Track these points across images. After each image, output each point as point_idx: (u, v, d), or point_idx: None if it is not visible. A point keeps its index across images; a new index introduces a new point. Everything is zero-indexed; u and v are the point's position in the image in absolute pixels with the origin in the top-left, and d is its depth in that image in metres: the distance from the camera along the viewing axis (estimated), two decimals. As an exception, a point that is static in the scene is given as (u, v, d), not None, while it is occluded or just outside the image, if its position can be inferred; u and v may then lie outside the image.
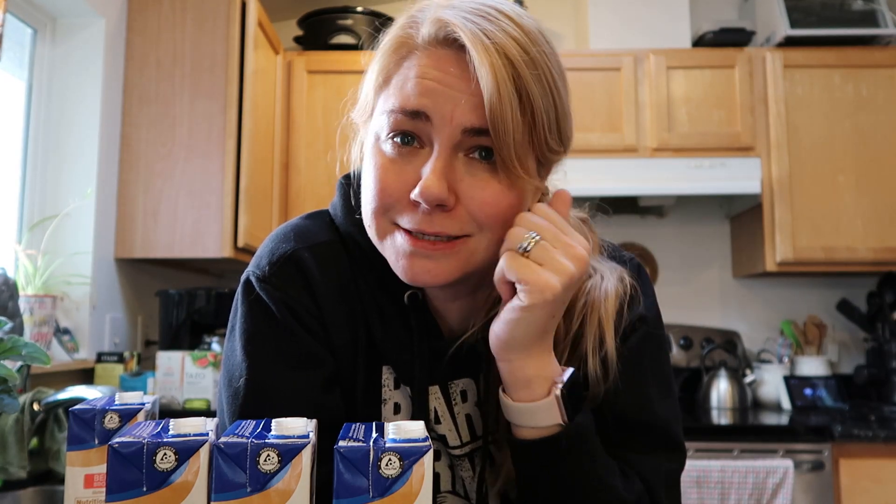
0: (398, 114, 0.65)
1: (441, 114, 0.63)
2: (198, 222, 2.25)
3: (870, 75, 2.65)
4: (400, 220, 0.65)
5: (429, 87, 0.64)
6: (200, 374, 2.18)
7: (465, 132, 0.63)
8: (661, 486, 0.71)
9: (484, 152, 0.64)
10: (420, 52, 0.66)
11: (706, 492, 2.08)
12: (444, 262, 0.65)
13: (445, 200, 0.63)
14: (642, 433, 0.72)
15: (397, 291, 0.72)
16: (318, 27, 2.77)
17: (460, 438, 0.74)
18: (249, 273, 0.73)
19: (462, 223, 0.64)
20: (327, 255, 0.73)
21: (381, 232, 0.67)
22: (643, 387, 0.73)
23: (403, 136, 0.65)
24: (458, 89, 0.63)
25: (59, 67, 2.17)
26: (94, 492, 0.53)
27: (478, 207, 0.64)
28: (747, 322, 2.96)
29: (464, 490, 0.75)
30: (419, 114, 0.64)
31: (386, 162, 0.66)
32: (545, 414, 0.64)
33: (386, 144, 0.66)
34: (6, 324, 1.08)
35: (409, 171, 0.64)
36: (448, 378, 0.74)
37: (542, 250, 0.62)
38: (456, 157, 0.64)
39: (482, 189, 0.64)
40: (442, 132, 0.63)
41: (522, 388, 0.65)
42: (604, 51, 2.73)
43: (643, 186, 2.58)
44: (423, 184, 0.62)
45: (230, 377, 0.70)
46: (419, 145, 0.65)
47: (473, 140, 0.64)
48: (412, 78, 0.65)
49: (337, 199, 0.78)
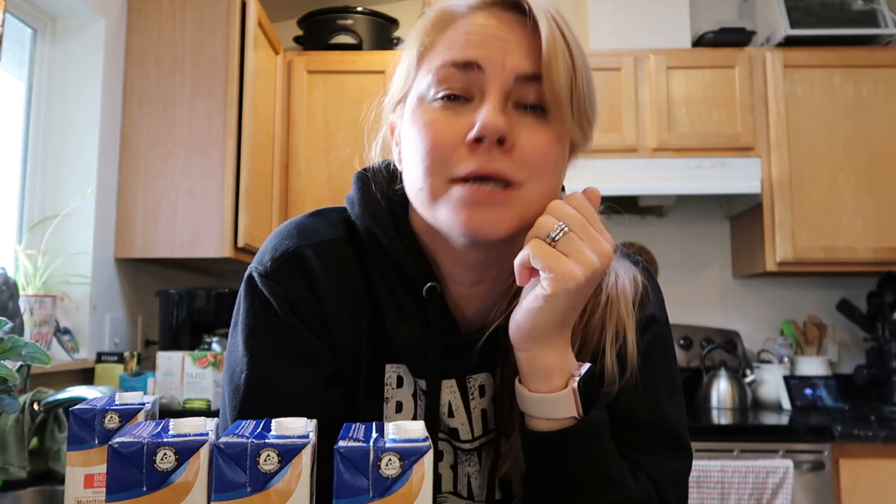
0: (448, 67, 0.65)
1: (493, 62, 0.64)
2: (198, 222, 2.25)
3: (870, 75, 2.65)
4: (456, 171, 0.65)
5: (479, 40, 0.65)
6: (200, 374, 2.18)
7: (518, 79, 0.65)
8: (669, 488, 0.71)
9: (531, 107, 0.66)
10: (464, 17, 0.68)
11: (706, 492, 2.08)
12: (503, 211, 0.65)
13: (506, 133, 0.63)
14: (651, 433, 0.72)
15: (415, 285, 0.72)
16: (318, 27, 2.77)
17: (472, 433, 0.74)
18: (252, 269, 0.73)
19: (517, 167, 0.65)
20: (331, 252, 0.73)
21: (434, 193, 0.66)
22: (653, 388, 0.74)
23: (449, 97, 0.66)
24: (507, 39, 0.65)
25: (59, 67, 2.17)
26: (94, 492, 0.53)
27: (531, 152, 0.65)
28: (747, 322, 2.96)
29: (466, 490, 0.75)
30: (471, 64, 0.65)
31: (434, 117, 0.66)
32: (561, 406, 0.65)
33: (432, 103, 0.67)
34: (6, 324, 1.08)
35: (462, 121, 0.65)
36: (467, 372, 0.74)
37: (570, 241, 0.63)
38: (507, 107, 0.65)
39: (534, 134, 0.65)
40: (495, 79, 0.64)
41: (541, 378, 0.65)
42: (604, 51, 2.73)
43: (643, 186, 2.58)
44: (483, 118, 0.63)
45: (232, 372, 0.70)
46: (467, 99, 0.66)
47: (524, 89, 0.65)
48: (460, 35, 0.66)
49: (354, 193, 0.77)
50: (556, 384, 0.65)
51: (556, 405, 0.65)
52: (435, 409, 0.72)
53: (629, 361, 0.71)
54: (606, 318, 0.72)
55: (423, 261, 0.73)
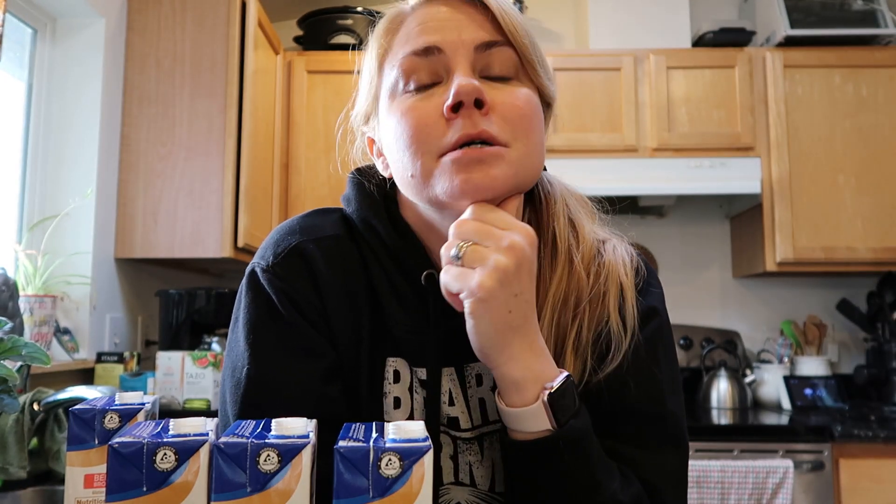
0: (410, 57, 0.68)
1: (451, 40, 0.67)
2: (198, 222, 2.25)
3: (870, 75, 2.65)
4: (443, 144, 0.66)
5: (433, 25, 0.69)
6: (200, 374, 2.18)
7: (478, 48, 0.68)
8: (668, 487, 0.71)
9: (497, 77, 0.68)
10: (413, 13, 0.71)
11: (706, 492, 2.08)
12: (498, 166, 0.66)
13: (482, 93, 0.65)
14: (653, 425, 0.72)
15: (414, 273, 0.73)
16: (318, 27, 2.77)
17: (472, 421, 0.74)
18: (254, 264, 0.74)
19: (500, 127, 0.66)
20: (333, 248, 0.74)
21: (426, 171, 0.67)
22: (656, 380, 0.73)
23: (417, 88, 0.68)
24: (458, 19, 0.68)
25: (59, 67, 2.17)
26: (94, 492, 0.53)
27: (510, 111, 0.67)
28: (747, 322, 2.96)
29: (469, 477, 0.75)
30: (431, 49, 0.67)
31: (409, 106, 0.68)
32: (534, 419, 0.64)
33: (402, 97, 0.69)
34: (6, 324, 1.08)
35: (436, 101, 0.67)
36: (464, 361, 0.74)
37: (473, 253, 0.63)
38: (475, 76, 0.68)
39: (509, 95, 0.68)
40: (456, 54, 0.67)
41: (513, 392, 0.64)
42: (604, 51, 2.73)
43: (643, 186, 2.58)
44: (457, 84, 0.65)
45: (233, 367, 0.71)
46: (434, 84, 0.68)
47: (487, 58, 0.68)
48: (413, 28, 0.70)
49: (349, 191, 0.79)
50: (528, 397, 0.64)
51: (529, 419, 0.64)
52: (436, 397, 0.72)
53: (629, 324, 0.72)
54: (609, 284, 0.73)
55: (421, 249, 0.74)
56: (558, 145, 2.62)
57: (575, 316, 0.72)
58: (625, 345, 0.71)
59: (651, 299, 0.77)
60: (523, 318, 0.64)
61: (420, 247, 0.74)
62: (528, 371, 0.64)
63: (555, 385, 0.64)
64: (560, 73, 2.67)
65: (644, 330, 0.74)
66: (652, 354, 0.74)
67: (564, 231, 0.75)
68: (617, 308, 0.72)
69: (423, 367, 0.73)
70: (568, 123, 2.65)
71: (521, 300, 0.63)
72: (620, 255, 0.75)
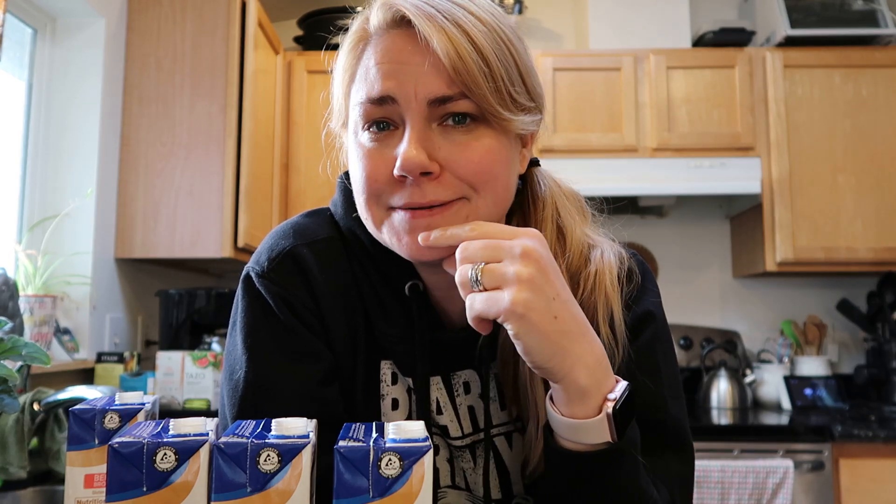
0: (366, 104, 0.66)
1: (404, 93, 0.64)
2: (198, 222, 2.25)
3: (870, 75, 2.65)
4: (392, 201, 0.66)
5: (388, 71, 0.65)
6: (200, 374, 2.18)
7: (431, 103, 0.64)
8: (675, 490, 0.70)
9: (456, 118, 0.65)
10: (374, 39, 0.68)
11: (706, 492, 2.08)
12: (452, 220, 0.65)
13: (427, 166, 0.63)
14: (656, 433, 0.71)
15: (399, 284, 0.73)
16: (318, 27, 2.77)
17: (462, 430, 0.74)
18: (249, 269, 0.74)
19: (453, 188, 0.65)
20: (326, 251, 0.74)
21: (377, 220, 0.68)
22: (657, 386, 0.73)
23: (377, 124, 0.66)
24: (415, 64, 0.65)
25: (59, 67, 2.17)
26: (94, 492, 0.53)
27: (464, 169, 0.65)
28: (747, 322, 2.96)
29: (465, 482, 0.75)
30: (385, 98, 0.65)
31: (367, 151, 0.67)
32: (596, 432, 0.60)
33: (363, 136, 0.67)
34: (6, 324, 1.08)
35: (389, 154, 0.65)
36: (450, 369, 0.74)
37: (491, 274, 0.59)
38: (430, 128, 0.65)
39: (463, 151, 0.65)
40: (409, 109, 0.64)
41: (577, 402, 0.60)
42: (604, 51, 2.73)
43: (643, 186, 2.58)
44: (401, 156, 0.63)
45: (231, 371, 0.71)
46: (394, 127, 0.66)
47: (441, 109, 0.65)
48: (372, 66, 0.67)
49: (337, 196, 0.79)
50: (591, 408, 0.60)
51: (590, 430, 0.60)
52: (426, 407, 0.72)
53: (619, 335, 0.71)
54: (597, 292, 0.72)
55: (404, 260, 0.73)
56: (558, 145, 2.62)
57: None
58: (617, 357, 0.71)
59: (646, 304, 0.76)
60: (572, 319, 0.60)
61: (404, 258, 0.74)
62: (593, 378, 0.60)
63: (617, 395, 0.61)
64: (560, 73, 2.67)
65: (640, 337, 0.74)
66: (649, 362, 0.73)
67: (552, 238, 0.74)
68: (606, 320, 0.71)
69: (410, 376, 0.73)
70: (568, 123, 2.65)
71: (561, 301, 0.60)
72: (608, 262, 0.73)
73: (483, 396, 0.74)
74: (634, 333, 0.73)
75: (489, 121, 0.66)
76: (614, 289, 0.72)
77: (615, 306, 0.72)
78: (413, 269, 0.73)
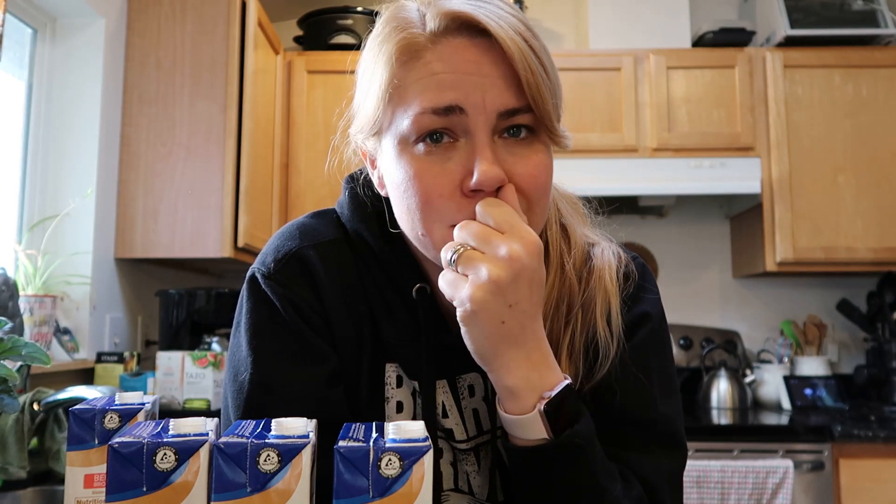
0: (429, 114, 0.63)
1: (474, 103, 0.63)
2: (198, 222, 2.25)
3: (870, 75, 2.65)
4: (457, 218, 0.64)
5: (455, 80, 0.63)
6: (200, 374, 2.18)
7: (500, 115, 0.64)
8: (664, 487, 0.70)
9: (514, 130, 0.65)
10: (431, 48, 0.65)
11: (706, 492, 2.08)
12: None
13: (503, 180, 0.63)
14: (644, 431, 0.72)
15: (405, 286, 0.72)
16: (318, 27, 2.77)
17: (466, 433, 0.74)
18: (255, 269, 0.73)
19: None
20: (332, 253, 0.74)
21: (438, 239, 0.65)
22: (648, 385, 0.73)
23: (432, 136, 0.64)
24: (482, 75, 0.63)
25: (59, 67, 2.17)
26: (94, 492, 0.53)
27: (527, 182, 0.65)
28: (747, 322, 2.96)
29: (467, 486, 0.75)
30: (452, 108, 0.63)
31: (423, 166, 0.64)
32: (532, 428, 0.63)
33: (417, 148, 0.65)
34: (6, 324, 1.08)
35: (452, 167, 0.64)
36: (456, 372, 0.74)
37: (468, 258, 0.61)
38: (494, 141, 0.65)
39: (525, 164, 0.65)
40: (478, 120, 0.63)
41: (508, 399, 0.63)
42: (604, 51, 2.73)
43: (643, 186, 2.58)
44: (479, 171, 0.62)
45: (236, 371, 0.71)
46: (452, 139, 0.64)
47: (507, 121, 0.64)
48: (436, 74, 0.64)
49: (343, 198, 0.78)
50: (525, 405, 0.62)
51: (527, 427, 0.63)
52: (432, 410, 0.72)
53: (615, 331, 0.72)
54: (596, 290, 0.73)
55: (412, 263, 0.74)
56: (558, 145, 2.62)
57: (567, 322, 0.72)
58: (612, 352, 0.71)
59: (643, 304, 0.76)
60: (520, 329, 0.62)
61: (412, 260, 0.74)
62: (524, 381, 0.63)
63: (553, 394, 0.63)
64: (560, 73, 2.65)
65: (634, 337, 0.74)
66: (642, 361, 0.73)
67: (556, 237, 0.75)
68: (604, 315, 0.72)
69: (415, 379, 0.73)
70: (568, 123, 2.60)
71: (517, 310, 0.61)
72: (608, 260, 0.75)
73: (487, 399, 0.75)
74: (630, 332, 0.74)
75: (542, 134, 0.66)
76: (613, 285, 0.73)
77: (613, 300, 0.73)
78: (420, 272, 0.73)
